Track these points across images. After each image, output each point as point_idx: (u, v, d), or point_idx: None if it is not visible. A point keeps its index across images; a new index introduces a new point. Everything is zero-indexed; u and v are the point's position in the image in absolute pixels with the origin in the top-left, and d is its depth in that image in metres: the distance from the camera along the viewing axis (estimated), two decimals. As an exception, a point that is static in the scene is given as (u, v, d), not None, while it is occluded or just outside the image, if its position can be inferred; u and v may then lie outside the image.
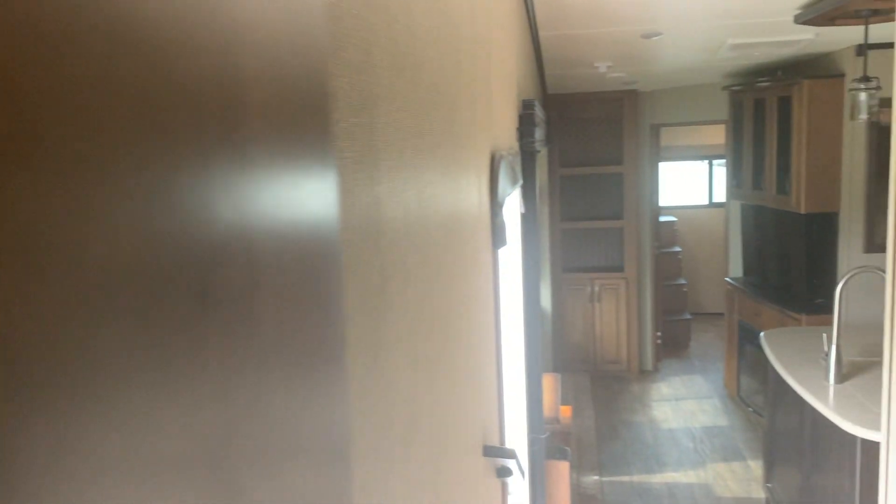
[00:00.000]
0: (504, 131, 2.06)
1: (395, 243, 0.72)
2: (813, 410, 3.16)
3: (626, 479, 4.64)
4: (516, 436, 2.47)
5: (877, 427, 2.71)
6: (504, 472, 1.58)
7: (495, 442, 1.58)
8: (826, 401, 3.03)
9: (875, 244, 4.73)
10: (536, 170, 2.81)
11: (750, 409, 5.67)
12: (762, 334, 4.17)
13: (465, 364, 1.18)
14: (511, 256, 2.49)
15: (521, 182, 2.25)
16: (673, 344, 7.69)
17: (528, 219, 2.69)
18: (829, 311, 5.07)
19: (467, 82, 1.29)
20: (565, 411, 4.41)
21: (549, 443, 3.11)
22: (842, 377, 3.22)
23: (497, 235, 1.59)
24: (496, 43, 1.88)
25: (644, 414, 5.81)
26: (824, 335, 3.35)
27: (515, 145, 2.47)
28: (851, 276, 3.19)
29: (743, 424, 5.49)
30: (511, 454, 1.50)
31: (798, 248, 5.09)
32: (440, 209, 0.98)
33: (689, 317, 7.82)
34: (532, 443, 2.62)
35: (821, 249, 4.96)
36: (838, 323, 3.21)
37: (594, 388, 6.45)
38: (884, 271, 3.27)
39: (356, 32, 0.60)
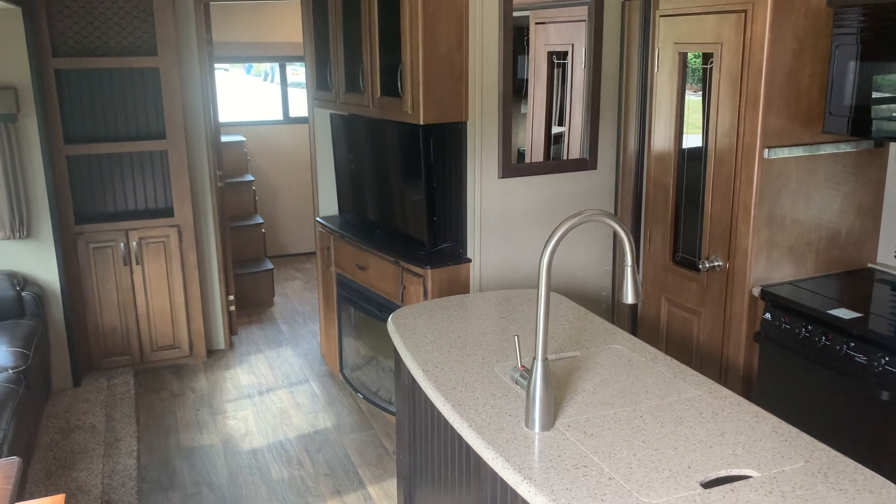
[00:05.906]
0: None
1: None
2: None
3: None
4: None
5: None
6: None
7: None
8: (532, 475, 1.52)
9: (511, 167, 3.49)
10: None
11: (359, 394, 4.22)
12: (390, 320, 2.58)
13: None
14: None
15: None
16: (252, 305, 5.91)
17: None
18: (459, 259, 3.77)
19: None
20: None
21: None
22: (552, 419, 1.76)
23: None
24: None
25: (216, 429, 3.94)
26: (516, 338, 1.84)
27: None
28: (564, 236, 1.68)
29: (353, 421, 4.00)
30: None
31: (413, 175, 3.62)
32: None
33: (270, 266, 6.10)
34: None
35: (444, 175, 3.57)
36: (545, 325, 1.70)
37: (140, 395, 4.33)
38: (610, 216, 1.88)
39: None
